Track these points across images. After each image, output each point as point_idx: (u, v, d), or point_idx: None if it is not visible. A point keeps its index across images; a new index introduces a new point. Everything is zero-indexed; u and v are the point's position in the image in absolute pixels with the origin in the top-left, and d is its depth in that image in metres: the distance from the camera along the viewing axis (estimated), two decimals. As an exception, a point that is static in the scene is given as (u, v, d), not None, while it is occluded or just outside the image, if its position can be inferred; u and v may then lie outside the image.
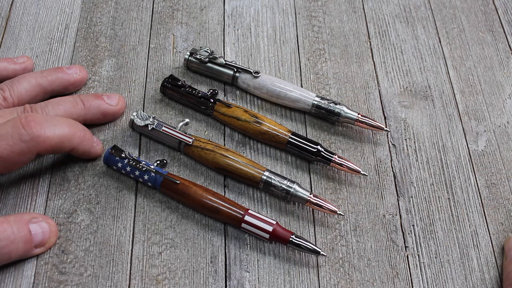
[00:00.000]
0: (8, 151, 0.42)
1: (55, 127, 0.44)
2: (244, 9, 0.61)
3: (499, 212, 0.49)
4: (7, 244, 0.41)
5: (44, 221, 0.44)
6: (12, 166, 0.44)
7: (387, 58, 0.58)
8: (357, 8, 0.62)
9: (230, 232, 0.47)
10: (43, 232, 0.44)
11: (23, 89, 0.49)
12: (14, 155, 0.42)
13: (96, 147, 0.49)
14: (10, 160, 0.43)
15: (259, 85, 0.53)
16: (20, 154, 0.43)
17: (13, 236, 0.42)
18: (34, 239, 0.43)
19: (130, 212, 0.47)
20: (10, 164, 0.43)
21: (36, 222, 0.44)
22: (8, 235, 0.41)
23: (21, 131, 0.42)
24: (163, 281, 0.44)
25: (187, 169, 0.50)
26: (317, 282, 0.45)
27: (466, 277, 0.46)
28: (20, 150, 0.42)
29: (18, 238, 0.42)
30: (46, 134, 0.43)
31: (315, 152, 0.49)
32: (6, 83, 0.49)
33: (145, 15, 0.60)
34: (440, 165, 0.51)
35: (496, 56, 0.59)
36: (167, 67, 0.56)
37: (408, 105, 0.55)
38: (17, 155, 0.42)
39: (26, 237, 0.43)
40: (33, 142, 0.42)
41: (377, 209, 0.49)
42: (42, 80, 0.50)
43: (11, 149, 0.42)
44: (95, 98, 0.50)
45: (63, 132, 0.44)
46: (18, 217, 0.43)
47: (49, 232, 0.44)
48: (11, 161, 0.43)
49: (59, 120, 0.45)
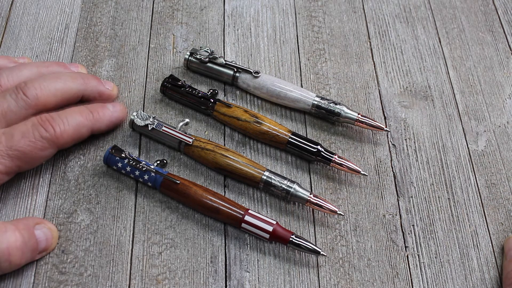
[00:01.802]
0: (31, 147, 0.44)
1: (67, 119, 0.46)
2: (244, 9, 0.61)
3: (499, 212, 0.49)
4: (20, 255, 0.41)
5: (46, 227, 0.44)
6: (35, 161, 0.45)
7: (387, 58, 0.58)
8: (357, 8, 0.62)
9: (230, 232, 0.47)
10: (46, 239, 0.44)
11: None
12: (36, 150, 0.44)
13: (114, 113, 0.50)
14: (33, 155, 0.44)
15: (259, 85, 0.53)
16: (42, 149, 0.44)
17: (25, 247, 0.42)
18: (39, 246, 0.43)
19: (130, 212, 0.47)
20: (33, 160, 0.45)
21: (40, 229, 0.44)
22: (21, 245, 0.41)
23: (40, 130, 0.44)
24: (163, 281, 0.44)
25: (187, 169, 0.50)
26: (317, 282, 0.45)
27: (466, 277, 0.46)
28: (42, 146, 0.44)
29: (28, 247, 0.42)
30: (63, 129, 0.45)
31: (315, 152, 0.49)
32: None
33: (145, 15, 0.60)
34: (440, 165, 0.51)
35: (496, 56, 0.59)
36: (167, 67, 0.56)
37: (408, 105, 0.55)
38: (39, 150, 0.44)
39: (34, 246, 0.43)
40: (53, 138, 0.45)
41: (377, 209, 0.49)
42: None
43: (34, 145, 0.44)
44: (94, 78, 0.51)
45: (77, 120, 0.46)
46: (26, 224, 0.43)
47: (51, 238, 0.44)
48: (34, 157, 0.44)
49: (71, 112, 0.47)
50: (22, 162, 0.44)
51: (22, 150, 0.43)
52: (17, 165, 0.44)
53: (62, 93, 0.47)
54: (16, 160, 0.43)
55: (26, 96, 0.45)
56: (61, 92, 0.47)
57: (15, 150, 0.43)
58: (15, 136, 0.43)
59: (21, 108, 0.45)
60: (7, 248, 0.40)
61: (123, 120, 0.51)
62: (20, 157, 0.44)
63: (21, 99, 0.45)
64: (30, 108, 0.45)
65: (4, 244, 0.40)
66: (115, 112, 0.50)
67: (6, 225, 0.41)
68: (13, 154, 0.43)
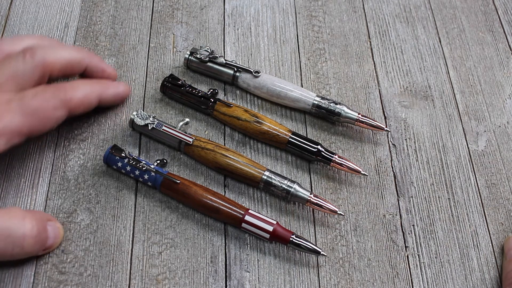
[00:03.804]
0: (44, 105, 0.44)
1: (77, 85, 0.47)
2: (244, 8, 0.61)
3: (499, 212, 0.49)
4: (32, 244, 0.42)
5: (56, 225, 0.45)
6: (47, 122, 0.44)
7: (387, 58, 0.58)
8: (357, 8, 0.62)
9: (230, 232, 0.47)
10: (54, 236, 0.44)
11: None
12: (49, 109, 0.44)
13: (119, 87, 0.51)
14: (45, 114, 0.44)
15: (259, 84, 0.53)
16: (54, 108, 0.44)
17: (38, 238, 0.42)
18: (47, 242, 0.44)
19: (130, 211, 0.47)
20: (45, 119, 0.44)
21: (50, 225, 0.44)
22: (35, 235, 0.42)
23: (52, 90, 0.44)
24: (163, 281, 0.44)
25: (187, 168, 0.50)
26: (317, 282, 0.45)
27: (466, 277, 0.46)
28: (54, 105, 0.44)
29: (40, 239, 0.43)
30: (73, 92, 0.46)
31: (316, 152, 0.49)
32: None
33: (145, 14, 0.60)
34: (440, 165, 0.51)
35: (496, 56, 0.59)
36: (167, 67, 0.56)
37: (408, 105, 0.55)
38: (52, 109, 0.44)
39: (44, 240, 0.43)
40: (65, 99, 0.45)
41: (377, 209, 0.49)
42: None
43: (46, 103, 0.44)
44: (98, 56, 0.52)
45: (86, 88, 0.48)
46: (41, 217, 0.43)
47: (58, 237, 0.45)
48: (46, 116, 0.44)
49: (79, 81, 0.48)
50: (35, 120, 0.43)
51: (35, 107, 0.43)
52: (29, 125, 0.43)
53: (67, 59, 0.48)
54: (28, 117, 0.43)
55: (33, 58, 0.45)
56: (66, 58, 0.48)
57: (28, 107, 0.43)
58: (28, 95, 0.44)
59: (29, 69, 0.45)
60: (23, 235, 0.41)
61: (127, 96, 0.53)
62: (32, 114, 0.43)
63: (28, 60, 0.45)
64: (37, 70, 0.45)
65: (21, 230, 0.41)
66: (120, 86, 0.52)
67: (24, 213, 0.42)
68: (25, 112, 0.43)
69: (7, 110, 0.42)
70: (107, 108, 0.53)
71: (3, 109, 0.42)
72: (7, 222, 0.41)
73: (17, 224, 0.41)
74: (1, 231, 0.40)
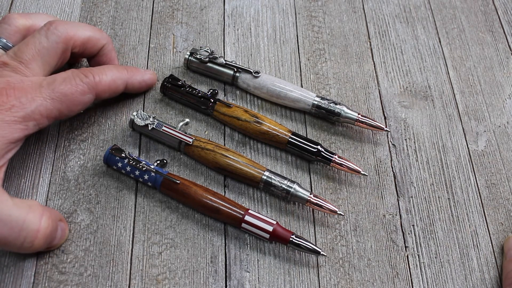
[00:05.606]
0: (72, 90, 0.45)
1: (104, 70, 0.48)
2: (244, 9, 0.61)
3: (499, 212, 0.49)
4: (42, 242, 0.42)
5: (64, 226, 0.45)
6: (75, 106, 0.46)
7: (387, 58, 0.58)
8: (357, 8, 0.62)
9: (230, 232, 0.47)
10: (60, 237, 0.45)
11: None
12: (77, 94, 0.45)
13: (146, 74, 0.53)
14: (73, 98, 0.45)
15: (259, 85, 0.53)
16: (82, 93, 0.45)
17: (49, 236, 0.43)
18: (54, 241, 0.44)
19: (130, 212, 0.47)
20: (73, 104, 0.45)
21: (60, 225, 0.44)
22: (48, 234, 0.42)
23: (80, 76, 0.46)
24: (163, 281, 0.44)
25: (187, 169, 0.50)
26: (317, 282, 0.45)
27: (466, 277, 0.46)
28: (82, 90, 0.45)
29: (50, 238, 0.43)
30: (101, 76, 0.47)
31: (315, 152, 0.49)
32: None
33: (145, 14, 0.60)
34: (440, 165, 0.51)
35: (496, 56, 0.59)
36: (167, 67, 0.56)
37: (408, 105, 0.55)
38: (80, 94, 0.45)
39: (53, 238, 0.43)
40: (92, 83, 0.46)
41: (377, 209, 0.49)
42: None
43: (75, 88, 0.45)
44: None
45: (113, 72, 0.49)
46: (55, 217, 0.44)
47: (63, 238, 0.45)
48: (74, 100, 0.45)
49: (106, 66, 0.50)
50: (63, 105, 0.44)
51: (64, 92, 0.44)
52: (57, 109, 0.44)
53: (88, 36, 0.49)
54: (57, 102, 0.44)
55: (57, 30, 0.46)
56: (87, 35, 0.49)
57: (56, 92, 0.44)
58: (57, 80, 0.44)
59: (52, 42, 0.46)
60: (37, 231, 0.41)
61: (153, 84, 0.54)
62: (61, 99, 0.44)
63: (51, 33, 0.46)
64: (61, 44, 0.46)
65: (36, 226, 0.41)
66: (146, 73, 0.53)
67: (43, 210, 0.42)
68: (54, 96, 0.44)
69: (37, 94, 0.43)
70: (107, 108, 0.53)
71: (34, 93, 0.43)
72: (25, 215, 0.41)
73: (34, 220, 0.41)
74: (16, 222, 0.40)
